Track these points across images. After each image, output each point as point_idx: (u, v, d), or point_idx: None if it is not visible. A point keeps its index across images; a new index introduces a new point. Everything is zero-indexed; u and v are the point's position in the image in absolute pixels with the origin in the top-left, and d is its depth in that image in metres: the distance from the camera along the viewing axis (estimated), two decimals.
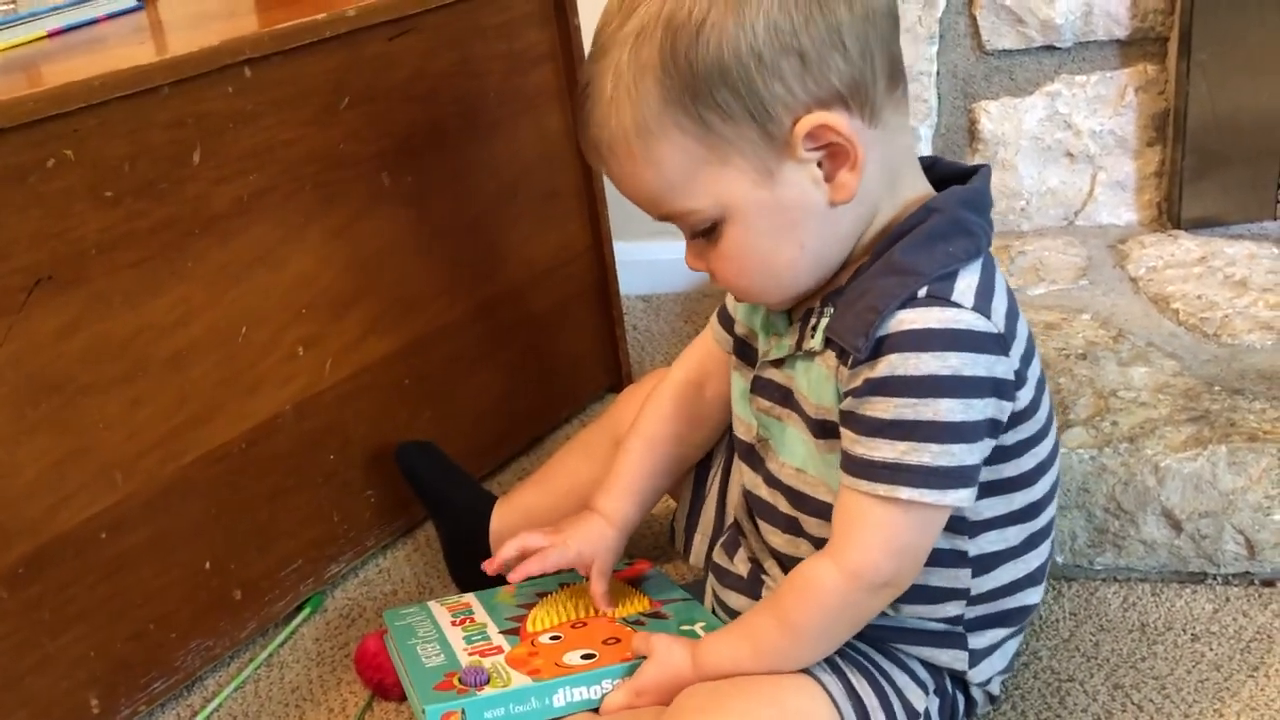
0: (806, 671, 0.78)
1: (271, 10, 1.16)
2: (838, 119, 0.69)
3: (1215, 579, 1.00)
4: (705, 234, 0.74)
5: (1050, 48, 1.38)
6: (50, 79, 0.90)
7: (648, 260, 1.66)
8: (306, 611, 1.11)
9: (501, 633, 0.93)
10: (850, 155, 0.70)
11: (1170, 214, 1.39)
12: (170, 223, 0.95)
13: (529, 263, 1.31)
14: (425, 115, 1.15)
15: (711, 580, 0.94)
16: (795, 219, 0.72)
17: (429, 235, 1.18)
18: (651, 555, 1.12)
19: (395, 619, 0.97)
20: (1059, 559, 1.02)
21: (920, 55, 1.41)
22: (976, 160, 1.44)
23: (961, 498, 0.71)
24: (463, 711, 0.82)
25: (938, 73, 1.42)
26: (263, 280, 1.03)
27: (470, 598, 1.00)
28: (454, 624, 0.95)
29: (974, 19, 1.38)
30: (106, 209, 0.90)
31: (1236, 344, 1.11)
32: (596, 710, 0.84)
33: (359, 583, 1.15)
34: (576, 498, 1.06)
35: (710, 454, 1.00)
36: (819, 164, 0.71)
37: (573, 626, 0.93)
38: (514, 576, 0.93)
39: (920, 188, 0.76)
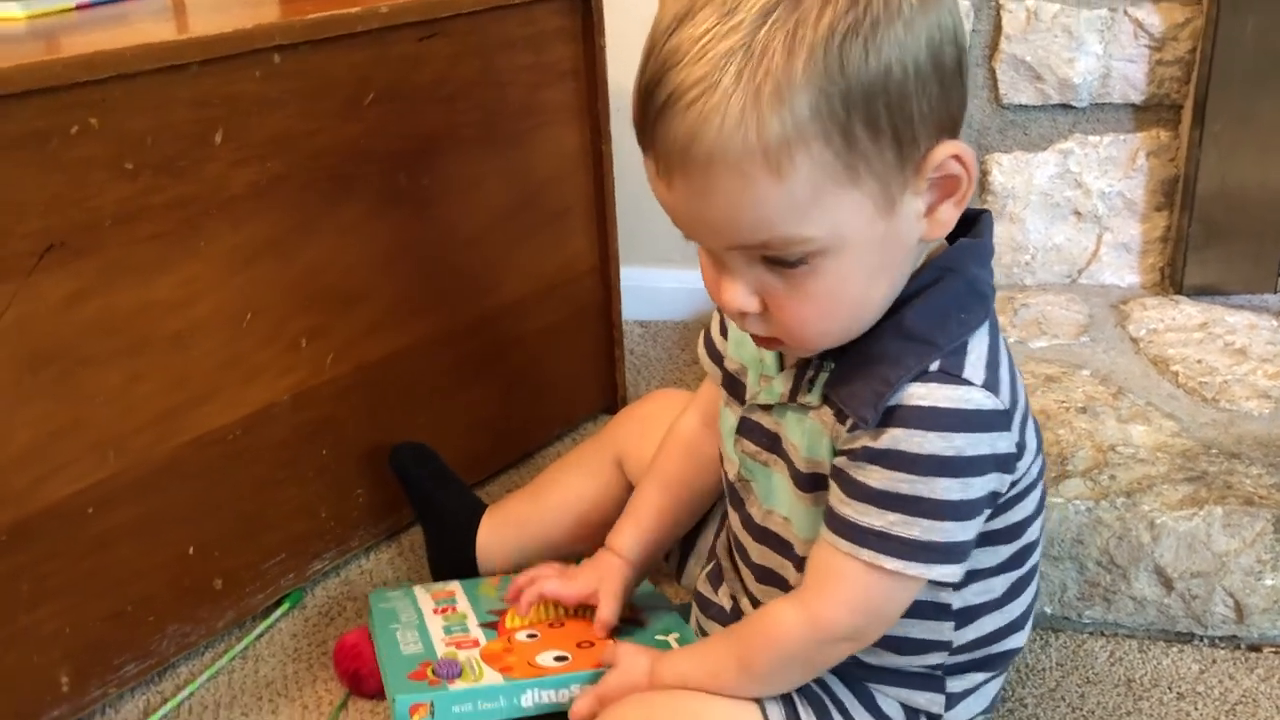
0: None
1: (295, 3, 1.16)
2: (968, 150, 0.66)
3: (1202, 640, 1.00)
4: (783, 263, 0.66)
5: (1066, 106, 1.39)
6: (76, 49, 0.90)
7: (648, 286, 1.67)
8: (285, 606, 1.09)
9: (480, 625, 0.94)
10: (962, 188, 0.67)
11: (1172, 279, 1.40)
12: (186, 201, 0.94)
13: (535, 277, 1.30)
14: (447, 119, 1.15)
15: (695, 609, 0.94)
16: (895, 255, 0.68)
17: (440, 239, 1.18)
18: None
19: (380, 600, 0.98)
20: (1047, 609, 1.02)
21: None
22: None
23: (948, 573, 0.71)
24: (431, 704, 0.84)
25: None
26: (272, 267, 1.02)
27: (455, 585, 1.01)
28: (436, 611, 0.96)
29: (994, 72, 1.40)
30: (125, 181, 0.90)
31: (1235, 410, 1.12)
32: (564, 713, 0.85)
33: (340, 582, 1.14)
34: (567, 510, 1.06)
35: None
36: (923, 198, 0.67)
37: (550, 625, 0.94)
38: (521, 607, 0.94)
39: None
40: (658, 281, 1.68)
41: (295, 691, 0.99)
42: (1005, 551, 0.78)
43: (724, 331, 0.85)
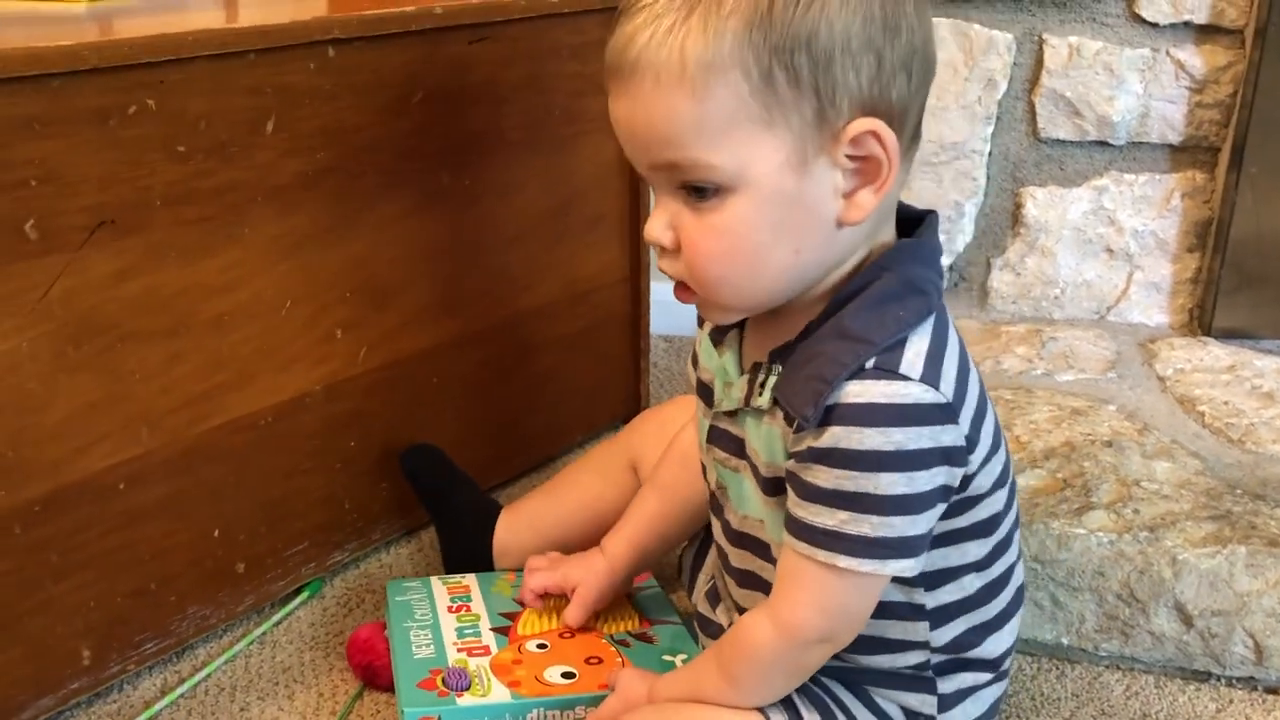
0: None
1: (343, 3, 1.17)
2: (890, 132, 0.68)
3: (1220, 680, 0.99)
4: (698, 194, 0.69)
5: (1103, 143, 1.40)
6: (137, 32, 0.92)
7: (674, 302, 1.67)
8: (305, 595, 1.10)
9: (492, 630, 0.95)
10: (882, 174, 0.69)
11: (1201, 321, 1.41)
12: (235, 186, 0.96)
13: (567, 283, 1.32)
14: (492, 122, 1.16)
15: (698, 628, 0.94)
16: (803, 222, 0.69)
17: (477, 240, 1.19)
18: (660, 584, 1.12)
19: (396, 592, 1.00)
20: (1064, 640, 1.02)
21: (975, 134, 1.43)
22: (1016, 244, 1.46)
23: (904, 567, 0.71)
24: (439, 718, 0.85)
25: (990, 153, 1.44)
26: (314, 258, 1.03)
27: (470, 580, 1.03)
28: (450, 609, 0.98)
29: (1032, 105, 1.41)
30: (177, 163, 0.91)
31: (1261, 453, 1.12)
32: None
33: (359, 574, 1.14)
34: (584, 511, 1.07)
35: None
36: (844, 176, 0.69)
37: (560, 636, 0.95)
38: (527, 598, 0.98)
39: (888, 239, 0.75)
40: None
41: (311, 679, 0.99)
42: (975, 550, 0.78)
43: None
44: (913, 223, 0.76)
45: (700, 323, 0.86)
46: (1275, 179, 1.32)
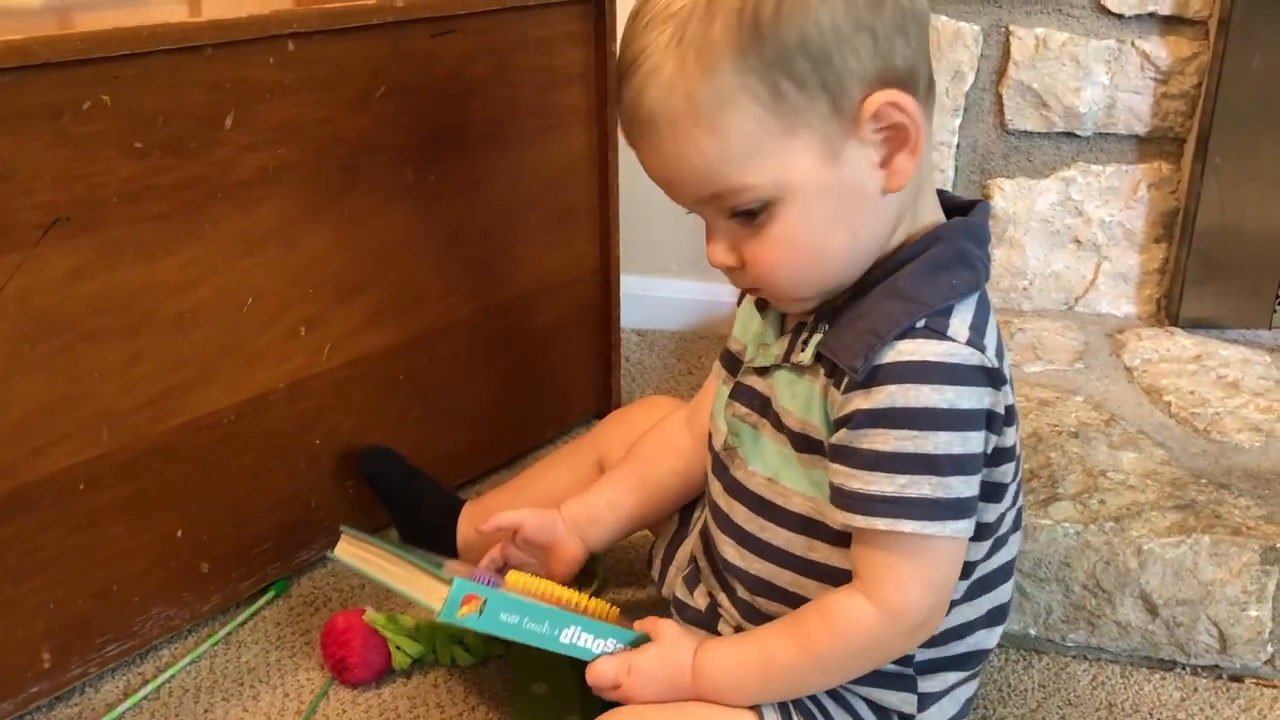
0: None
1: None
2: (905, 97, 0.69)
3: (1184, 669, 1.00)
4: (748, 216, 0.71)
5: (1070, 134, 1.40)
6: (92, 26, 0.90)
7: (646, 295, 1.67)
8: (271, 594, 1.09)
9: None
10: (911, 137, 0.70)
11: (1169, 311, 1.41)
12: (194, 182, 0.94)
13: (536, 277, 1.31)
14: (457, 116, 1.15)
15: (673, 614, 0.94)
16: (851, 204, 0.71)
17: (443, 235, 1.18)
18: (627, 580, 1.12)
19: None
20: (1031, 631, 1.02)
21: (943, 126, 1.43)
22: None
23: (961, 529, 0.71)
24: (485, 601, 0.76)
25: (958, 145, 1.44)
26: (275, 254, 1.02)
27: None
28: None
29: (1000, 97, 1.41)
30: (134, 159, 0.90)
31: (1225, 442, 1.12)
32: (575, 664, 0.81)
33: (326, 572, 1.13)
34: (548, 506, 1.06)
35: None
36: (876, 149, 0.70)
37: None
38: (485, 527, 0.95)
39: (933, 214, 0.77)
40: (656, 291, 1.69)
41: (277, 679, 0.98)
42: (985, 547, 0.78)
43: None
44: (965, 208, 0.78)
45: (740, 299, 0.88)
46: (1240, 169, 1.33)
